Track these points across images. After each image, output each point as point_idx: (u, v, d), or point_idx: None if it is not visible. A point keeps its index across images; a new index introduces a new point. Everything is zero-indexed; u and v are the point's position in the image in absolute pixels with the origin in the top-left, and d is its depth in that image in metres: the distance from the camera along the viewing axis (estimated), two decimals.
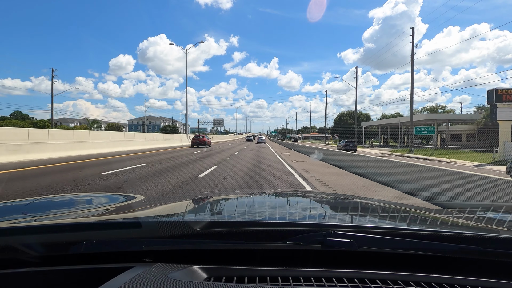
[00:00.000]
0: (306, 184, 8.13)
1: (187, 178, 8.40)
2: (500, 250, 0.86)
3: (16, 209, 1.40)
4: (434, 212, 1.50)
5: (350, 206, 1.67)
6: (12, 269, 0.83)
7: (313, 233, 0.87)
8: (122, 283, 0.70)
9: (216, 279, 0.78)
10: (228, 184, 7.73)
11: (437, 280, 0.79)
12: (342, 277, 0.79)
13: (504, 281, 0.79)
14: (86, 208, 1.47)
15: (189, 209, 1.53)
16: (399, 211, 1.47)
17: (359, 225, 1.01)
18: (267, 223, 1.03)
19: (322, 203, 1.72)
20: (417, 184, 6.76)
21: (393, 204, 1.90)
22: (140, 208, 1.45)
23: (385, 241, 0.87)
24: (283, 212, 1.33)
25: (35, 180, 7.51)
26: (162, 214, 1.38)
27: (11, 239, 0.88)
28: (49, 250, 0.88)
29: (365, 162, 10.22)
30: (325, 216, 1.35)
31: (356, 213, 1.47)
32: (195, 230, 0.89)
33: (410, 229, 0.98)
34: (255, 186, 7.64)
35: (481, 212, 1.51)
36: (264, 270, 0.82)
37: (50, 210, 1.42)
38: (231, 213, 1.32)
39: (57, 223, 1.10)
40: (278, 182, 8.09)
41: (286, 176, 9.51)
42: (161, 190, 6.55)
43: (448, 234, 0.95)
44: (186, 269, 0.80)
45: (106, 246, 0.89)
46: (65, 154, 14.65)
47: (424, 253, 0.87)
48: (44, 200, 1.69)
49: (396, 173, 7.89)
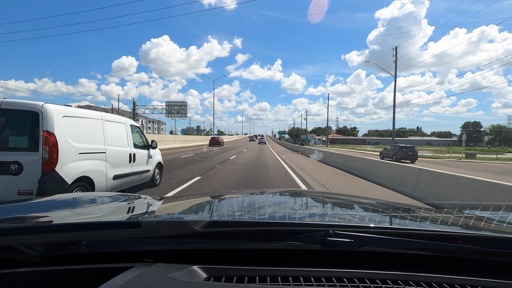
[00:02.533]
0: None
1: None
2: (500, 250, 0.86)
3: (16, 209, 1.40)
4: (434, 212, 1.50)
5: (350, 206, 1.67)
6: (12, 269, 0.83)
7: (313, 233, 0.87)
8: (122, 283, 0.70)
9: (216, 279, 0.78)
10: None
11: (437, 280, 0.79)
12: (342, 277, 0.79)
13: (504, 281, 0.79)
14: (86, 208, 1.47)
15: (189, 208, 1.53)
16: (399, 211, 1.47)
17: (359, 225, 1.01)
18: (267, 223, 1.03)
19: (322, 203, 1.72)
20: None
21: (393, 204, 1.90)
22: (140, 208, 1.45)
23: (385, 241, 0.87)
24: (283, 212, 1.33)
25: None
26: (162, 214, 1.38)
27: (11, 239, 0.88)
28: (49, 250, 0.88)
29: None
30: (325, 216, 1.35)
31: (356, 213, 1.47)
32: (195, 230, 0.89)
33: (410, 229, 0.98)
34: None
35: (481, 212, 1.51)
36: (264, 270, 0.82)
37: (50, 210, 1.42)
38: (231, 212, 1.32)
39: (57, 223, 1.10)
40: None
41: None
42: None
43: (448, 234, 0.95)
44: (186, 269, 0.80)
45: (106, 246, 0.89)
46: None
47: (424, 253, 0.87)
48: (44, 200, 1.69)
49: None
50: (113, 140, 5.05)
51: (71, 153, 3.96)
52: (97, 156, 4.55)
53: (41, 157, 3.58)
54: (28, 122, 3.65)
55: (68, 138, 3.94)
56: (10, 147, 3.62)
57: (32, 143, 3.61)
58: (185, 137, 44.31)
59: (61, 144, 3.77)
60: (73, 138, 4.05)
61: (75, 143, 4.07)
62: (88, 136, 4.45)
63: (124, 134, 5.56)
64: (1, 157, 3.53)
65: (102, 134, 4.77)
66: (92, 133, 4.56)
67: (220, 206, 1.56)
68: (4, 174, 3.48)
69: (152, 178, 6.74)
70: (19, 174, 3.50)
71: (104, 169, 4.64)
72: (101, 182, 4.57)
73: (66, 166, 3.81)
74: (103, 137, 4.78)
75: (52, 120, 3.68)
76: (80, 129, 4.27)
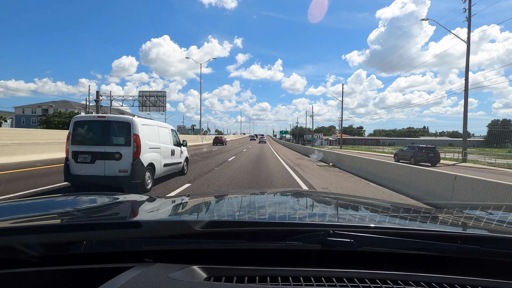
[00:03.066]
0: None
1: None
2: (500, 250, 0.86)
3: (16, 209, 1.40)
4: (434, 212, 1.50)
5: (350, 206, 1.67)
6: (12, 269, 0.83)
7: (313, 233, 0.87)
8: (122, 283, 0.70)
9: (216, 279, 0.78)
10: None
11: (437, 280, 0.79)
12: (342, 277, 0.79)
13: (504, 281, 0.79)
14: (86, 208, 1.47)
15: (189, 208, 1.53)
16: (399, 211, 1.47)
17: (359, 225, 1.01)
18: (267, 223, 1.03)
19: (322, 203, 1.72)
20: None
21: (393, 204, 1.90)
22: (140, 208, 1.44)
23: (385, 241, 0.87)
24: (283, 212, 1.33)
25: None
26: (162, 214, 1.38)
27: (11, 239, 0.88)
28: (49, 250, 0.88)
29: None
30: (325, 216, 1.34)
31: (356, 213, 1.46)
32: (195, 230, 0.89)
33: (410, 229, 0.98)
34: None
35: (481, 212, 1.51)
36: (264, 270, 0.82)
37: (50, 210, 1.42)
38: (231, 212, 1.32)
39: (57, 223, 1.10)
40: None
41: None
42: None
43: (448, 233, 0.95)
44: (186, 269, 0.80)
45: (106, 246, 0.89)
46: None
47: (424, 253, 0.86)
48: (44, 200, 1.69)
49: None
50: (163, 140, 7.39)
51: (146, 148, 6.29)
52: (157, 150, 6.89)
53: (132, 150, 5.92)
54: (124, 129, 5.99)
55: (145, 139, 6.27)
56: (114, 143, 5.98)
57: (126, 141, 5.95)
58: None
59: (142, 142, 6.10)
60: (146, 138, 6.36)
61: (147, 141, 6.41)
62: (152, 137, 6.76)
63: (168, 135, 7.95)
64: (110, 149, 5.91)
65: (157, 136, 7.11)
66: (153, 135, 6.88)
67: (220, 206, 1.56)
68: (112, 160, 5.87)
69: (182, 169, 8.98)
70: (120, 160, 5.86)
71: (160, 159, 7.04)
72: (158, 168, 6.92)
73: (143, 156, 6.14)
74: (158, 138, 7.13)
75: (137, 127, 6.06)
76: (148, 132, 6.60)
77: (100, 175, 5.82)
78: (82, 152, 5.94)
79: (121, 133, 6.01)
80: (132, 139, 5.91)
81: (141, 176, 5.98)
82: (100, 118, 6.17)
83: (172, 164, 7.92)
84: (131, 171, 5.82)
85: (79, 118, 6.37)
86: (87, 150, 5.95)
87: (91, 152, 5.92)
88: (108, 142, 5.97)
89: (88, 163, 5.89)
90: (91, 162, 5.89)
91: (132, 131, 5.95)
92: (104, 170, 5.85)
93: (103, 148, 5.91)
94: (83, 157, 5.92)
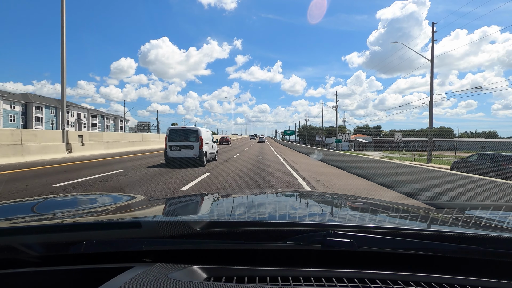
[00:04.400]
0: None
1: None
2: (500, 250, 0.86)
3: (16, 209, 1.40)
4: (434, 212, 1.50)
5: (350, 206, 1.67)
6: (12, 269, 0.83)
7: (313, 233, 0.87)
8: (122, 283, 0.70)
9: (216, 279, 0.78)
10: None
11: (437, 280, 0.79)
12: (342, 277, 0.79)
13: (504, 281, 0.79)
14: (86, 208, 1.47)
15: (189, 208, 1.53)
16: (399, 211, 1.47)
17: (359, 225, 1.00)
18: (267, 223, 1.03)
19: (322, 203, 1.72)
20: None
21: (393, 204, 1.90)
22: (140, 208, 1.44)
23: (385, 241, 0.87)
24: (283, 212, 1.33)
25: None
26: (162, 214, 1.38)
27: (11, 239, 0.88)
28: (49, 250, 0.88)
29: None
30: (325, 216, 1.34)
31: (356, 213, 1.46)
32: (195, 230, 0.89)
33: (410, 229, 0.98)
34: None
35: (481, 212, 1.50)
36: (264, 270, 0.82)
37: (50, 210, 1.42)
38: (231, 212, 1.32)
39: (57, 223, 1.10)
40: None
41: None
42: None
43: (448, 234, 0.94)
44: (186, 269, 0.80)
45: (106, 246, 0.89)
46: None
47: (424, 253, 0.86)
48: (44, 200, 1.69)
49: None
50: (207, 138, 12.92)
51: (204, 143, 11.97)
52: (208, 145, 12.72)
53: (199, 144, 11.74)
54: (195, 133, 11.94)
55: (204, 138, 12.14)
56: (190, 141, 11.77)
57: (196, 139, 11.80)
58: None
59: (203, 140, 11.95)
60: (204, 136, 12.12)
61: (205, 140, 12.16)
62: (206, 137, 12.49)
63: (210, 136, 14.01)
64: (188, 144, 11.73)
65: (208, 137, 13.10)
66: (206, 136, 12.64)
67: (220, 206, 1.56)
68: (189, 149, 11.70)
69: (215, 157, 14.72)
70: (193, 149, 11.71)
71: (208, 150, 12.75)
72: (207, 154, 12.58)
73: (203, 147, 11.87)
74: (208, 138, 13.02)
75: (201, 133, 12.01)
76: (204, 135, 12.35)
77: (183, 156, 11.56)
78: (173, 146, 11.72)
79: (193, 135, 11.81)
80: (199, 138, 11.75)
81: (202, 157, 11.64)
82: (182, 128, 12.75)
83: (212, 153, 13.81)
84: (198, 155, 11.60)
85: (171, 128, 12.65)
86: (176, 144, 11.71)
87: (178, 145, 11.70)
88: (187, 140, 11.76)
89: (177, 151, 11.68)
90: (179, 150, 11.69)
91: (199, 134, 11.81)
92: (185, 154, 11.62)
93: (184, 143, 11.71)
94: (174, 148, 11.73)
